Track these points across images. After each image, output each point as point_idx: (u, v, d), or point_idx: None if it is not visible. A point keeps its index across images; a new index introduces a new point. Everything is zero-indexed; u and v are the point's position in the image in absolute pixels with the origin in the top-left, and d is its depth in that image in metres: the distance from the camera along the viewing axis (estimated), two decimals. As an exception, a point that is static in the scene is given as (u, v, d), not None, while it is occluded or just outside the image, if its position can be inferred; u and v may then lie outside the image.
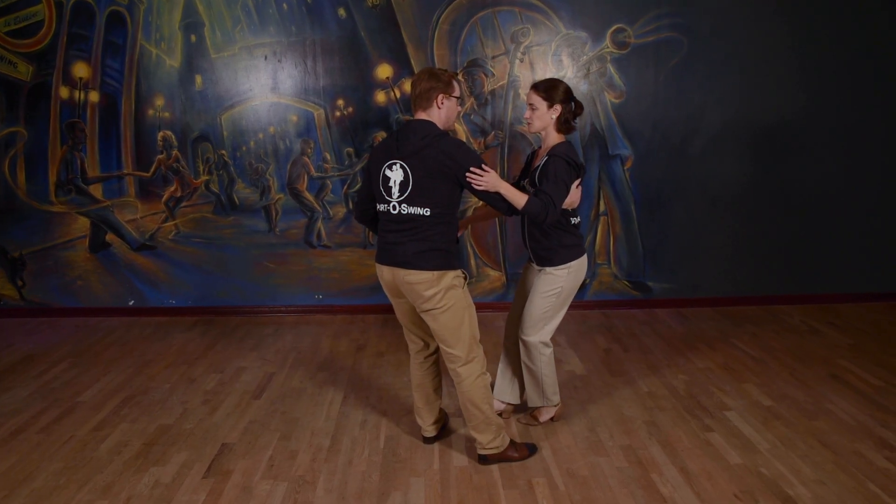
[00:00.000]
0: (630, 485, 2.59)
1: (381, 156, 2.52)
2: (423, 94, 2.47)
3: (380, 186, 2.52)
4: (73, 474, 2.72)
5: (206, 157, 4.61)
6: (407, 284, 2.51)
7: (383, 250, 2.58)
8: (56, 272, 4.77)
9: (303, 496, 2.55)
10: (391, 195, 2.49)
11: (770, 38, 4.39)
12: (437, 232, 2.49)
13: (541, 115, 2.69)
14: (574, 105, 2.73)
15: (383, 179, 2.50)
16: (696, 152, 4.55)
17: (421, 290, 2.49)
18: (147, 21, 4.40)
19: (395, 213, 2.49)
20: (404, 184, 2.45)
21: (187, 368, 3.84)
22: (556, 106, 2.67)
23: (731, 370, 3.66)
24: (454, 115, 2.56)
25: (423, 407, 2.89)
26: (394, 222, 2.51)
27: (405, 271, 2.49)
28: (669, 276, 4.76)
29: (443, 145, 2.43)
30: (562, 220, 2.74)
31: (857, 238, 4.71)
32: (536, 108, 2.68)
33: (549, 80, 2.73)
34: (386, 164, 2.49)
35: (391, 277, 2.57)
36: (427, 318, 2.58)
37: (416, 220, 2.47)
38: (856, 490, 2.52)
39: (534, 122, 2.72)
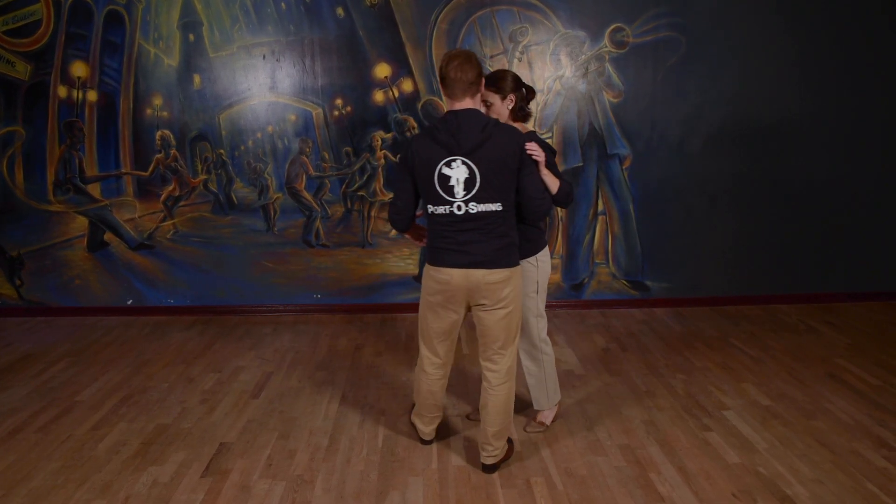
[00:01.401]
0: (628, 484, 2.59)
1: (432, 154, 2.33)
2: (475, 81, 2.33)
3: (436, 188, 2.35)
4: (71, 473, 2.72)
5: (204, 156, 4.60)
6: (485, 285, 2.41)
7: (452, 252, 2.41)
8: (54, 271, 4.77)
9: (301, 495, 2.55)
10: (454, 195, 2.34)
11: (768, 37, 4.39)
12: (510, 226, 2.44)
13: (497, 109, 2.68)
14: (525, 91, 2.71)
15: (441, 179, 2.33)
16: (695, 151, 4.56)
17: (499, 290, 2.42)
18: (145, 20, 4.40)
19: (461, 213, 2.35)
20: (470, 181, 2.32)
21: (185, 368, 3.84)
22: (510, 96, 2.67)
23: (730, 369, 3.67)
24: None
25: (430, 414, 2.81)
26: (459, 222, 2.37)
27: (485, 271, 2.39)
28: (668, 276, 4.77)
29: (503, 133, 2.33)
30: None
31: (855, 237, 4.71)
32: (492, 103, 2.67)
33: (496, 73, 2.69)
34: (443, 163, 2.32)
35: (463, 281, 2.41)
36: (489, 318, 2.49)
37: (488, 218, 2.36)
38: (854, 489, 2.52)
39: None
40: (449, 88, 2.34)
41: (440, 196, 2.36)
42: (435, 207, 2.39)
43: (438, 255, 2.45)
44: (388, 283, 4.75)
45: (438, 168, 2.33)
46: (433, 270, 2.48)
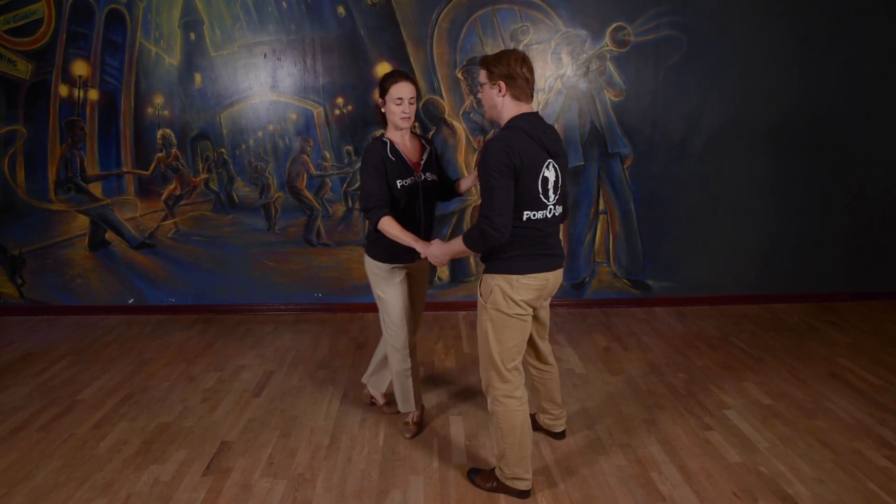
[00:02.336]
0: (629, 483, 2.59)
1: (538, 156, 2.25)
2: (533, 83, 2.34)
3: (538, 191, 2.27)
4: (72, 472, 2.72)
5: (205, 155, 4.60)
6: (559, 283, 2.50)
7: (550, 257, 2.37)
8: (56, 270, 4.77)
9: (302, 494, 2.56)
10: (549, 199, 2.31)
11: (770, 36, 4.39)
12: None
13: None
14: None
15: (543, 182, 2.28)
16: (696, 151, 4.55)
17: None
18: (146, 19, 4.40)
19: (551, 216, 2.34)
20: (556, 184, 2.32)
21: (187, 367, 3.84)
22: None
23: (731, 369, 3.67)
24: None
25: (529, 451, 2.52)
26: (549, 227, 2.36)
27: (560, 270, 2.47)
28: (669, 275, 4.76)
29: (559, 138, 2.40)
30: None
31: (857, 237, 4.71)
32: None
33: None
34: (544, 165, 2.27)
35: (554, 282, 2.43)
36: (545, 310, 2.65)
37: (560, 219, 2.43)
38: (855, 489, 2.52)
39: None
40: (521, 90, 2.30)
41: (539, 200, 2.29)
42: (531, 212, 2.29)
43: (531, 262, 2.34)
44: (389, 282, 4.75)
45: (541, 171, 2.27)
46: (526, 279, 2.32)
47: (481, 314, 2.42)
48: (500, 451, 2.48)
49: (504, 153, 2.18)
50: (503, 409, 2.41)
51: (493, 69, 2.30)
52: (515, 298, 2.33)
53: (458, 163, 4.56)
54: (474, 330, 4.37)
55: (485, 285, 2.39)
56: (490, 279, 2.36)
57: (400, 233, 2.55)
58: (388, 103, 2.62)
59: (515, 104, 2.32)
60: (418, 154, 2.76)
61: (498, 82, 2.30)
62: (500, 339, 2.38)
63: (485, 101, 2.40)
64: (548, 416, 2.90)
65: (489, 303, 2.37)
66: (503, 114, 2.34)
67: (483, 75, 2.36)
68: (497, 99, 2.33)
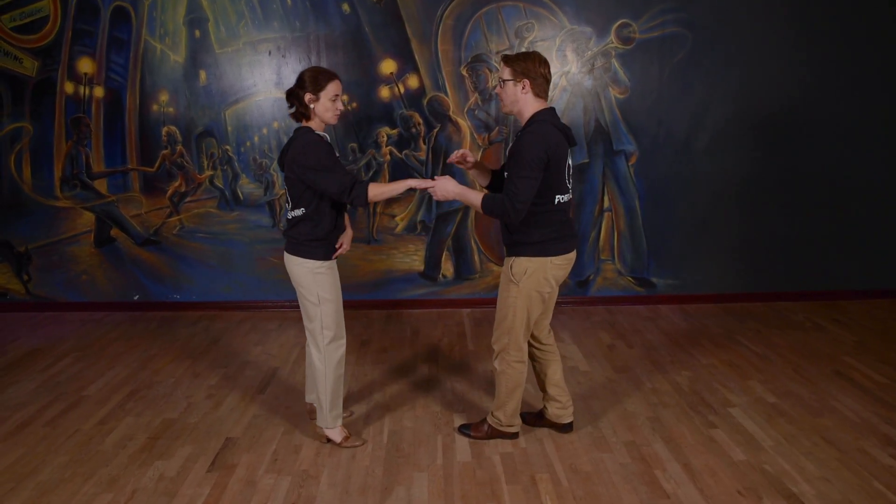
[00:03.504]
0: (633, 481, 2.59)
1: (563, 146, 2.53)
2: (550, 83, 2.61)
3: (565, 176, 2.58)
4: (78, 467, 2.73)
5: (210, 152, 4.61)
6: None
7: (573, 237, 2.69)
8: (61, 267, 4.79)
9: (306, 490, 2.56)
10: (569, 182, 2.63)
11: (775, 33, 4.37)
12: None
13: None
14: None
15: (568, 169, 2.59)
16: (701, 148, 4.54)
17: None
18: (151, 16, 4.40)
19: (570, 199, 2.65)
20: (570, 170, 2.64)
21: (191, 363, 3.85)
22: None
23: (735, 367, 3.66)
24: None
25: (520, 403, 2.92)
26: (569, 208, 2.67)
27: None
28: (673, 273, 4.75)
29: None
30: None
31: (862, 234, 4.69)
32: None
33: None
34: (567, 153, 2.57)
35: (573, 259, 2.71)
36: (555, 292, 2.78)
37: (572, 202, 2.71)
38: (860, 487, 2.51)
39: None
40: (541, 88, 2.55)
41: (565, 185, 2.60)
42: (562, 196, 2.59)
43: (562, 243, 2.62)
44: (394, 279, 4.76)
45: (568, 159, 2.58)
46: (558, 260, 2.61)
47: (509, 290, 2.65)
48: (501, 403, 2.81)
49: (543, 148, 2.44)
50: (513, 371, 2.74)
51: (517, 67, 2.52)
52: (549, 277, 2.61)
53: (463, 160, 4.55)
54: (478, 327, 4.37)
55: (518, 267, 2.61)
56: (525, 262, 2.60)
57: (389, 186, 2.67)
58: (324, 100, 2.61)
59: (536, 100, 2.55)
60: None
61: (522, 80, 2.52)
62: (524, 313, 2.65)
63: (505, 96, 2.58)
64: (556, 403, 2.92)
65: (522, 283, 2.61)
66: (524, 109, 2.57)
67: (507, 72, 2.54)
68: (520, 95, 2.54)
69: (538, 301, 2.65)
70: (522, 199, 2.45)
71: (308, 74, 2.62)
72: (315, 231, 2.68)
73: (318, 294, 2.74)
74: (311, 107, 2.63)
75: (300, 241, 2.71)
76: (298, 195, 2.65)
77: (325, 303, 2.75)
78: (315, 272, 2.73)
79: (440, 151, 4.55)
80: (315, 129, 2.67)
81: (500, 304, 2.71)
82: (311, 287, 2.74)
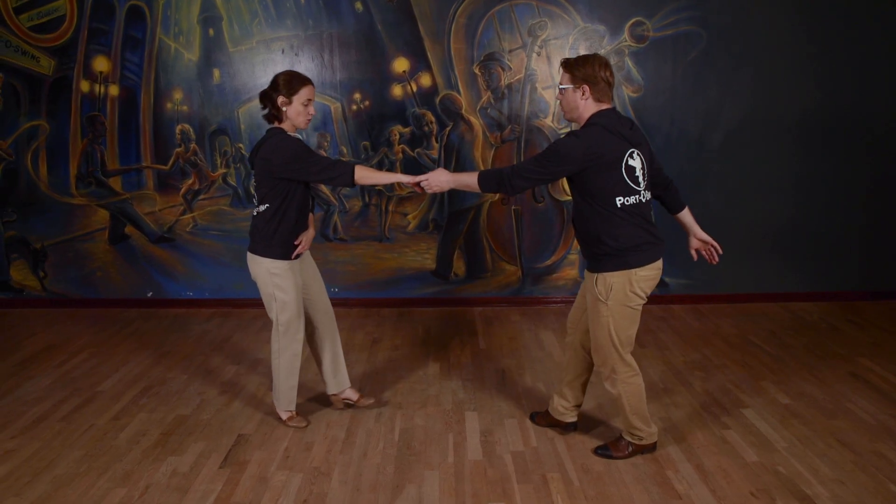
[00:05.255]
0: (645, 481, 2.58)
1: (613, 146, 2.40)
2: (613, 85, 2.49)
3: (625, 178, 2.43)
4: (93, 462, 2.76)
5: (223, 150, 4.64)
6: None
7: (657, 244, 2.53)
8: (76, 264, 4.84)
9: (318, 487, 2.57)
10: (639, 184, 2.47)
11: (790, 32, 4.33)
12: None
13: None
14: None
15: (629, 169, 2.43)
16: (714, 147, 4.51)
17: None
18: (166, 15, 4.43)
19: (644, 201, 2.51)
20: (643, 171, 2.48)
21: (204, 360, 3.88)
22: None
23: (749, 367, 3.63)
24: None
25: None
26: (645, 212, 2.51)
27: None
28: (686, 273, 4.72)
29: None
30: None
31: (877, 235, 4.64)
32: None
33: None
34: (627, 154, 2.43)
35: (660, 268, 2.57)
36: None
37: (651, 204, 2.55)
38: (876, 490, 2.49)
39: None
40: (602, 92, 2.44)
41: (628, 186, 2.44)
42: (626, 198, 2.44)
43: (646, 254, 2.48)
44: (406, 277, 4.76)
45: (624, 159, 2.42)
46: (644, 271, 2.47)
47: (600, 309, 2.52)
48: (629, 423, 2.67)
49: (578, 147, 2.36)
50: (629, 388, 2.62)
51: (576, 73, 2.43)
52: (637, 291, 2.49)
53: (476, 158, 4.55)
54: (490, 326, 4.37)
55: (603, 284, 2.49)
56: (609, 277, 2.47)
57: (378, 173, 2.70)
58: (296, 103, 2.70)
59: (596, 105, 2.46)
60: None
61: (582, 86, 2.43)
62: (620, 330, 2.53)
63: (566, 103, 2.51)
64: (563, 402, 2.88)
65: (610, 300, 2.48)
66: (584, 115, 2.47)
67: (566, 78, 2.46)
68: (580, 102, 2.45)
69: (627, 316, 2.51)
70: (523, 177, 2.44)
71: (282, 78, 2.70)
72: (275, 229, 2.78)
73: (272, 292, 2.84)
74: (284, 109, 2.71)
75: (259, 238, 2.82)
76: (265, 193, 2.77)
77: (279, 301, 2.85)
78: (271, 272, 2.82)
79: (452, 150, 4.55)
80: (287, 132, 2.75)
81: (593, 325, 2.59)
82: (266, 285, 2.85)
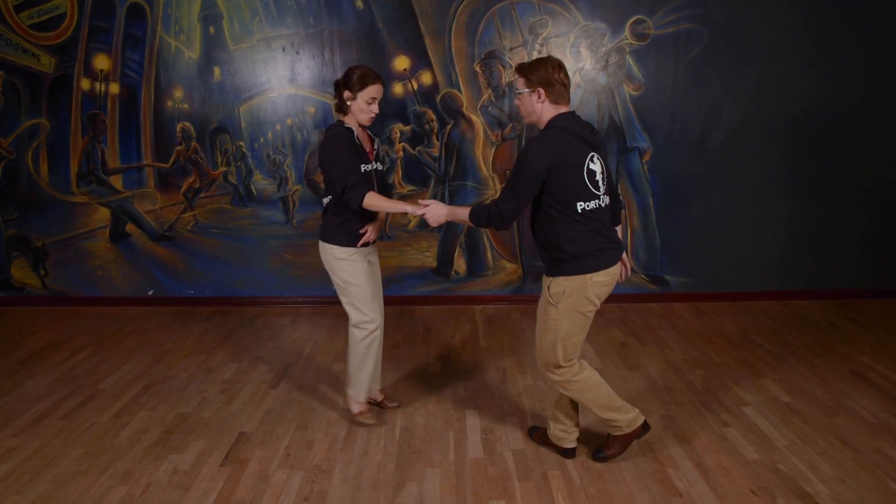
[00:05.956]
0: (645, 479, 2.58)
1: (574, 151, 2.35)
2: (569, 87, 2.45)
3: (586, 182, 2.37)
4: (94, 460, 2.77)
5: (224, 148, 4.64)
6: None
7: (612, 251, 2.45)
8: (77, 262, 4.84)
9: (319, 485, 2.58)
10: (599, 189, 2.41)
11: (792, 30, 4.32)
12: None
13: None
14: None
15: (589, 174, 2.38)
16: (716, 145, 4.50)
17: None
18: (166, 13, 4.43)
19: (604, 205, 2.45)
20: (603, 175, 2.44)
21: (205, 358, 3.88)
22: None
23: (749, 365, 3.63)
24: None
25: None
26: (603, 217, 2.45)
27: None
28: (687, 270, 4.72)
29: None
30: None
31: (878, 233, 4.63)
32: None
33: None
34: (588, 158, 2.38)
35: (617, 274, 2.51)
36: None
37: (608, 209, 2.51)
38: (876, 489, 2.49)
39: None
40: (559, 94, 2.40)
41: (588, 191, 2.38)
42: (587, 203, 2.38)
43: (601, 257, 2.42)
44: (406, 275, 4.76)
45: (585, 163, 2.38)
46: (599, 277, 2.41)
47: (550, 313, 2.46)
48: (601, 417, 2.62)
49: (548, 158, 2.31)
50: (579, 385, 2.54)
51: (530, 77, 2.40)
52: (590, 296, 2.43)
53: (476, 157, 4.55)
54: (491, 324, 4.37)
55: (556, 287, 2.43)
56: (564, 282, 2.42)
57: (387, 202, 2.68)
58: (360, 100, 2.73)
59: (555, 107, 2.42)
60: (370, 144, 2.93)
61: (537, 89, 2.39)
62: (568, 336, 2.47)
63: (523, 108, 2.48)
64: (559, 426, 2.72)
65: (561, 304, 2.43)
66: (542, 118, 2.44)
67: (521, 83, 2.44)
68: (536, 105, 2.42)
69: (581, 321, 2.46)
70: (510, 207, 2.36)
71: (354, 72, 2.73)
72: (340, 219, 2.81)
73: (341, 277, 2.87)
74: (349, 103, 2.75)
75: (325, 226, 2.87)
76: (326, 182, 2.80)
77: (350, 287, 2.87)
78: (336, 257, 2.84)
79: (453, 148, 4.54)
80: (346, 124, 2.78)
81: (540, 329, 2.53)
82: (335, 270, 2.88)
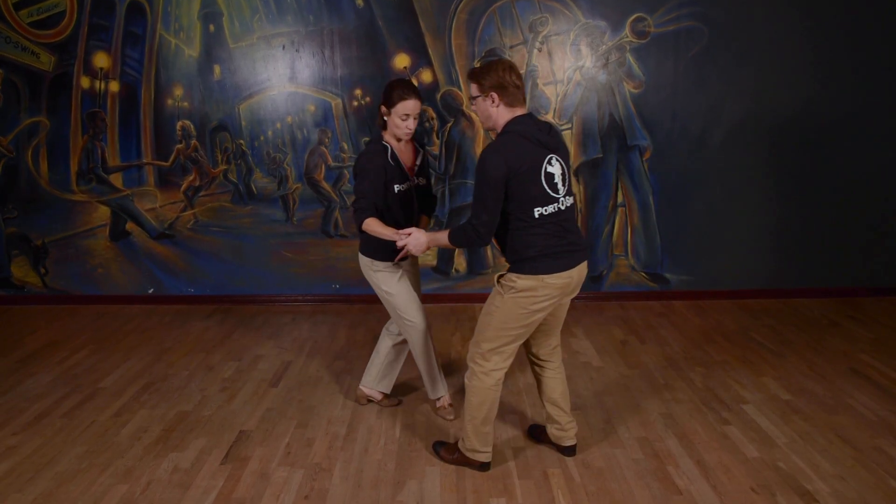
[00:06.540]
0: (646, 476, 2.58)
1: (530, 155, 2.30)
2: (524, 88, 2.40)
3: (544, 187, 2.32)
4: (94, 458, 2.77)
5: (224, 146, 4.64)
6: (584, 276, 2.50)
7: (569, 254, 2.39)
8: (77, 260, 4.84)
9: (319, 483, 2.58)
10: (558, 191, 2.36)
11: (793, 29, 4.31)
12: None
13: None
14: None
15: (548, 177, 2.33)
16: (716, 143, 4.50)
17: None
18: (166, 11, 4.42)
19: (564, 208, 2.39)
20: (563, 176, 2.38)
21: (205, 356, 3.88)
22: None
23: (749, 363, 3.63)
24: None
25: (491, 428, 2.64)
26: (563, 220, 2.39)
27: (585, 262, 2.48)
28: (687, 269, 4.72)
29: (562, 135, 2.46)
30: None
31: (878, 231, 4.63)
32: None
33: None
34: (545, 161, 2.32)
35: (577, 277, 2.44)
36: (564, 307, 2.60)
37: (573, 209, 2.46)
38: (876, 486, 2.49)
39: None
40: (513, 97, 2.34)
41: (546, 195, 2.33)
42: (542, 208, 2.33)
43: (556, 260, 2.37)
44: (406, 273, 4.76)
45: (542, 167, 2.33)
46: (550, 279, 2.35)
47: (495, 300, 2.47)
48: (464, 427, 2.60)
49: (503, 165, 2.26)
50: (478, 383, 2.52)
51: (483, 81, 2.35)
52: (540, 297, 2.38)
53: (476, 155, 4.54)
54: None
55: (508, 281, 2.42)
56: (516, 277, 2.39)
57: (382, 229, 2.65)
58: (394, 117, 2.70)
59: (510, 111, 2.36)
60: (412, 158, 2.89)
61: (490, 94, 2.34)
62: (503, 326, 2.44)
63: (479, 113, 2.44)
64: (555, 425, 2.72)
65: (508, 295, 2.41)
66: (499, 122, 2.39)
67: (474, 89, 2.39)
68: (491, 110, 2.37)
69: (519, 317, 2.40)
70: (483, 221, 2.32)
71: (389, 88, 2.72)
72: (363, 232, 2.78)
73: (379, 287, 2.90)
74: (385, 119, 2.76)
75: (365, 239, 2.87)
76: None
77: (392, 297, 2.88)
78: (374, 271, 2.88)
79: (453, 146, 4.54)
80: (384, 139, 2.79)
81: (482, 314, 2.53)
82: (373, 282, 2.93)
